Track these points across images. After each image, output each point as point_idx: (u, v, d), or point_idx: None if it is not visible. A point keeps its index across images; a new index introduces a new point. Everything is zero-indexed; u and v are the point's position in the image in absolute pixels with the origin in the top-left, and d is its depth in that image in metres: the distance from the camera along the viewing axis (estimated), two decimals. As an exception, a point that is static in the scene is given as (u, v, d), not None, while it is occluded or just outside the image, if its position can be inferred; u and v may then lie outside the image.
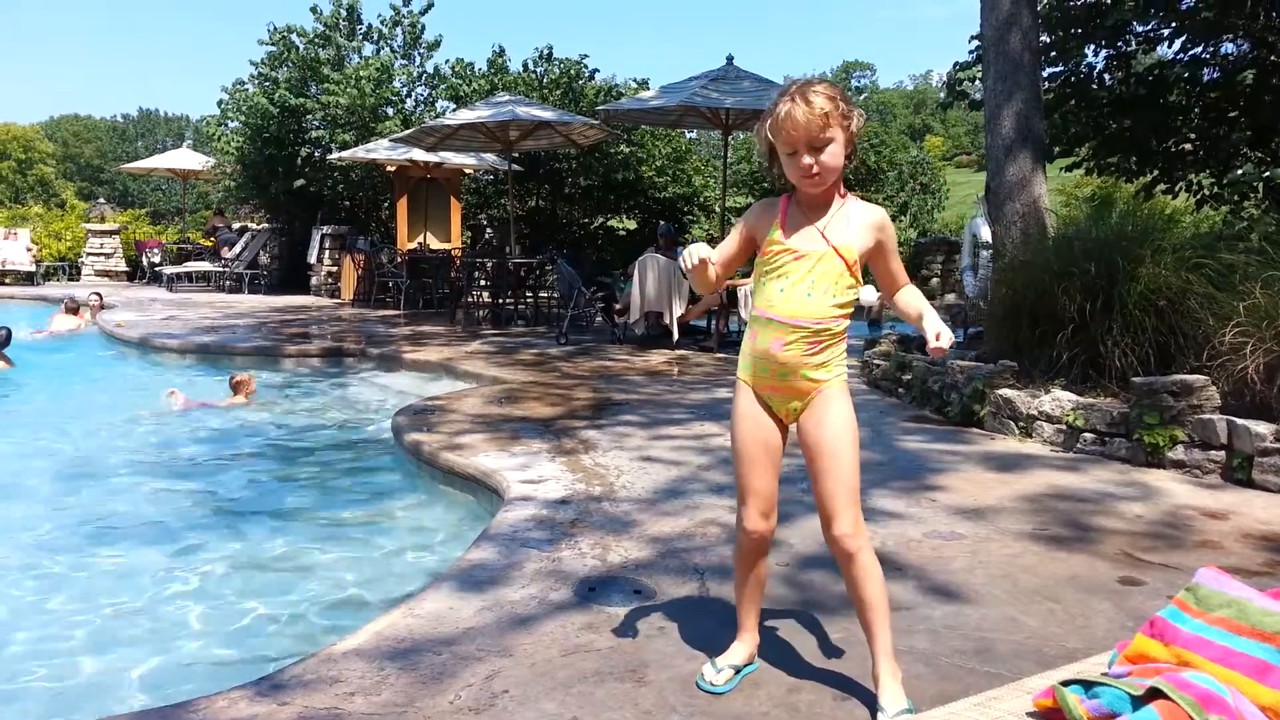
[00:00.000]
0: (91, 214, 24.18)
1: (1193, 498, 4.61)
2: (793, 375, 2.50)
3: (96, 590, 4.08)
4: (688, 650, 2.89)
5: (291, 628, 3.72)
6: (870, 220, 2.51)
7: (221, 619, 3.79)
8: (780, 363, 2.49)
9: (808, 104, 2.35)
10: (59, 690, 3.25)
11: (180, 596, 4.04)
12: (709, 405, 6.89)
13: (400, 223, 16.60)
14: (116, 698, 3.19)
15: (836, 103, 2.37)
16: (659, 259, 10.28)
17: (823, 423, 2.50)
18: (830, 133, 2.37)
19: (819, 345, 2.47)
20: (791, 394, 2.53)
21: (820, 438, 2.50)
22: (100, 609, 3.89)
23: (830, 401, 2.50)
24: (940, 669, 2.77)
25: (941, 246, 19.39)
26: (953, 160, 71.23)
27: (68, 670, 3.39)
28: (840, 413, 2.50)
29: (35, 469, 6.07)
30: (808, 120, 2.35)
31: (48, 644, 3.59)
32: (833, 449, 2.48)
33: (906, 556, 3.73)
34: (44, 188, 62.12)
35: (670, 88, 11.96)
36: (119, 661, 3.43)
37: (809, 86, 2.39)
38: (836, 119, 2.37)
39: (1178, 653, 1.81)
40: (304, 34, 17.97)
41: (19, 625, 3.75)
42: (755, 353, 2.56)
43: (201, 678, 3.29)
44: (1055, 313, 6.04)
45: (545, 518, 4.19)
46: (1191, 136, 11.03)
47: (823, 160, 2.40)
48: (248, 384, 8.31)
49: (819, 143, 2.38)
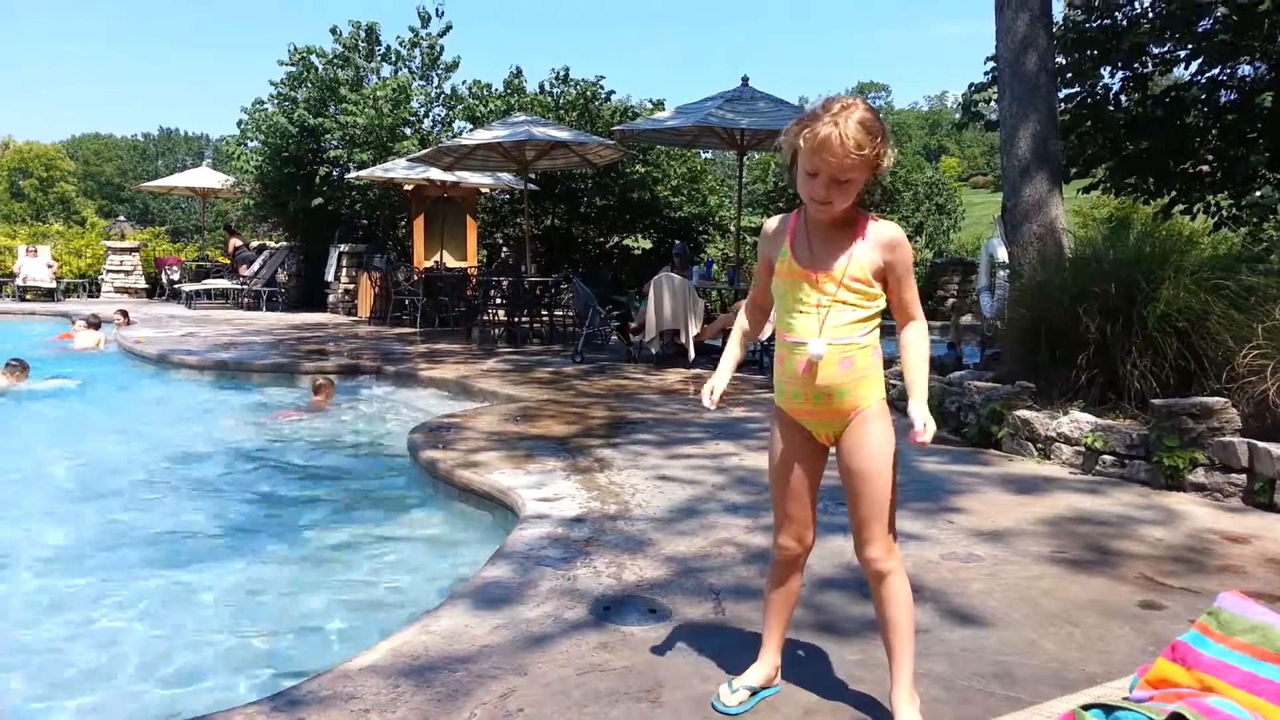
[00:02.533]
0: (111, 231, 24.45)
1: (1214, 521, 4.57)
2: (827, 398, 2.46)
3: (109, 605, 4.09)
4: (704, 670, 2.87)
5: (307, 643, 3.72)
6: (881, 238, 2.42)
7: (237, 634, 3.79)
8: (811, 386, 2.46)
9: (846, 139, 2.25)
10: (71, 706, 3.26)
11: (195, 611, 4.05)
12: (725, 424, 6.88)
13: (417, 241, 16.69)
14: (130, 714, 3.20)
15: (876, 144, 2.28)
16: (674, 278, 10.29)
17: (861, 446, 2.46)
18: (859, 173, 2.31)
19: (847, 363, 2.42)
20: (829, 416, 2.49)
21: (858, 462, 2.47)
22: (112, 624, 3.90)
23: (869, 424, 2.46)
24: (959, 693, 2.75)
25: (957, 267, 19.35)
26: (968, 181, 71.26)
27: (80, 686, 3.39)
28: (879, 435, 2.46)
29: (40, 487, 6.11)
30: (842, 156, 2.26)
31: (56, 659, 3.59)
32: (870, 473, 2.45)
33: (924, 578, 3.70)
34: (65, 205, 62.73)
35: (686, 108, 12.01)
36: (133, 677, 3.44)
37: (855, 113, 2.28)
38: (870, 163, 2.30)
39: (1200, 678, 1.79)
40: (323, 55, 18.17)
41: (27, 641, 3.76)
42: (785, 377, 2.53)
43: (217, 693, 3.29)
44: (1073, 334, 6.01)
45: (560, 536, 4.18)
46: (1209, 158, 11.01)
47: (840, 193, 2.34)
48: (328, 388, 8.76)
49: (843, 177, 2.31)
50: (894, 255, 2.42)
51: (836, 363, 2.42)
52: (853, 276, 2.41)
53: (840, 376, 2.43)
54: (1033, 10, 7.39)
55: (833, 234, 2.45)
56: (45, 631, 3.85)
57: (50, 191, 66.46)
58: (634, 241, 19.86)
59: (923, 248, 26.53)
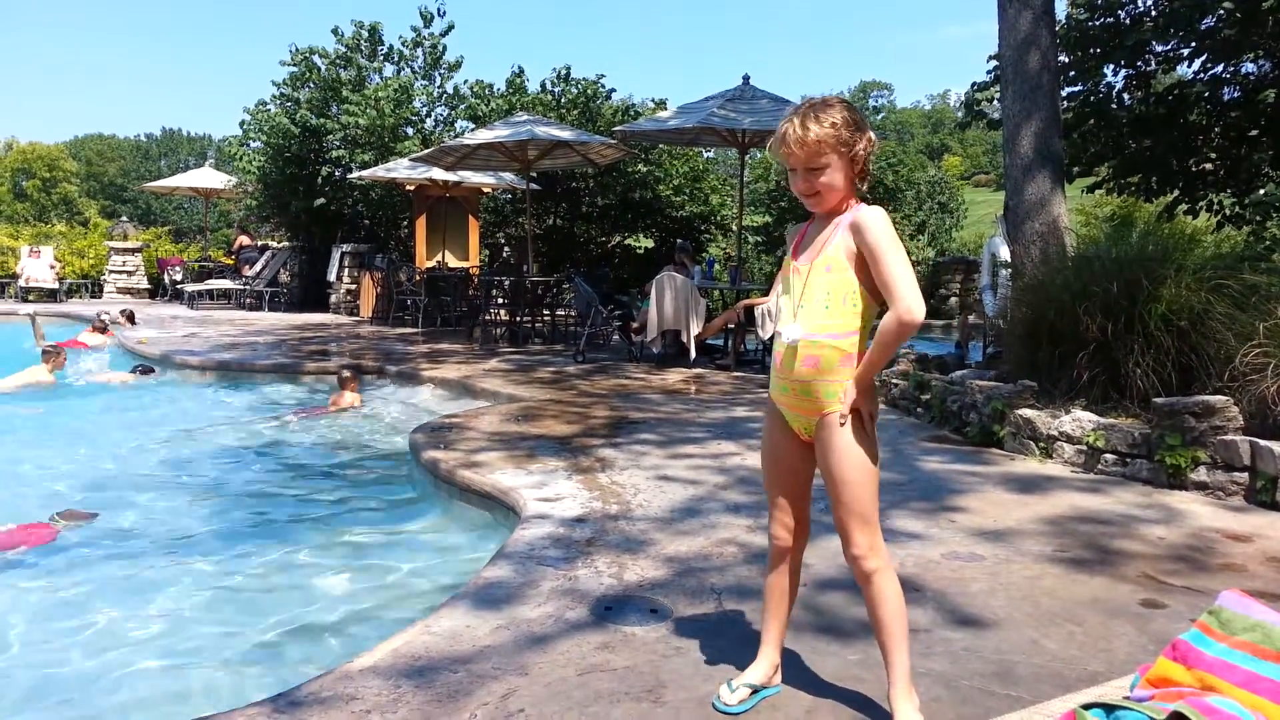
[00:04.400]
0: (114, 232, 24.44)
1: (1216, 520, 4.56)
2: (799, 394, 2.50)
3: (109, 606, 4.09)
4: (705, 670, 2.87)
5: (308, 644, 3.73)
6: (852, 221, 2.41)
7: (237, 635, 3.79)
8: (789, 379, 2.51)
9: (803, 129, 2.37)
10: (67, 709, 3.26)
11: (195, 611, 4.05)
12: (726, 424, 6.88)
13: (419, 241, 16.70)
14: (129, 715, 3.20)
15: (837, 129, 2.37)
16: (676, 277, 10.29)
17: (829, 448, 2.48)
18: (825, 159, 2.39)
19: (812, 361, 2.45)
20: (804, 412, 2.53)
21: (826, 464, 2.50)
22: (112, 625, 3.91)
23: (838, 427, 2.46)
24: (960, 692, 2.75)
25: (960, 265, 19.35)
26: (971, 179, 71.16)
27: (78, 687, 3.39)
28: (847, 439, 2.45)
29: (36, 485, 6.12)
30: (799, 145, 2.38)
31: (55, 659, 3.60)
32: (839, 475, 2.46)
33: (925, 578, 3.70)
34: (68, 206, 62.78)
35: (687, 107, 12.00)
36: (132, 678, 3.44)
37: (815, 109, 2.40)
38: (831, 145, 2.37)
39: (1201, 677, 1.79)
40: (325, 55, 18.18)
41: (22, 642, 3.76)
42: (772, 369, 2.62)
43: (217, 694, 3.29)
44: (1075, 332, 6.00)
45: (562, 536, 4.18)
46: (1212, 156, 10.99)
47: (819, 182, 2.42)
48: (352, 382, 8.92)
49: (814, 164, 2.40)
50: (861, 237, 2.39)
51: (802, 358, 2.46)
52: (827, 263, 2.45)
53: (806, 373, 2.46)
54: (1035, 8, 7.38)
55: (823, 228, 2.51)
56: (40, 632, 3.85)
57: (53, 192, 66.49)
58: (636, 241, 19.85)
59: (925, 246, 26.51)
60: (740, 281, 12.17)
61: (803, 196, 2.48)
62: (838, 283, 2.43)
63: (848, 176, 2.44)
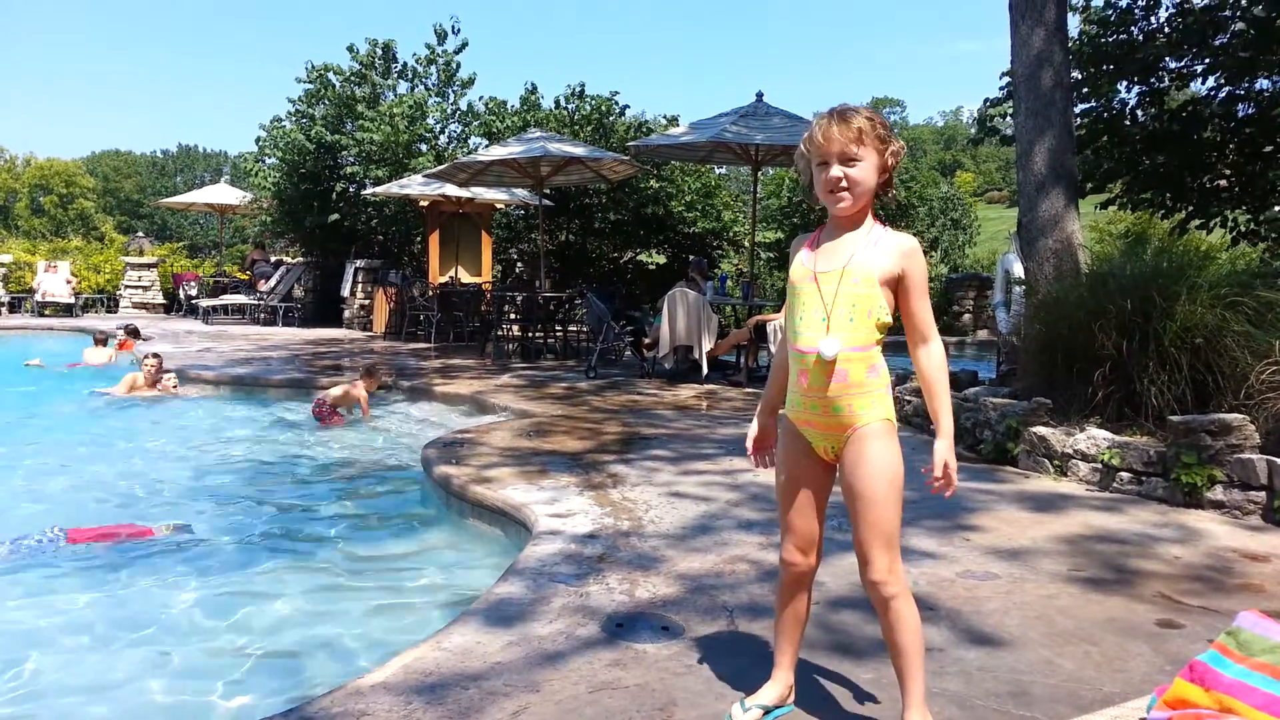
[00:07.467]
0: (130, 247, 24.63)
1: (1233, 539, 4.52)
2: (824, 410, 2.44)
3: (118, 621, 4.09)
4: (717, 689, 2.85)
5: (318, 660, 3.72)
6: (898, 245, 2.42)
7: (248, 650, 3.79)
8: (818, 396, 2.44)
9: (844, 121, 2.38)
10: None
11: (205, 626, 4.05)
12: (738, 440, 6.86)
13: (432, 257, 16.78)
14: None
15: (874, 124, 2.39)
16: (688, 294, 10.30)
17: (858, 464, 2.43)
18: (862, 151, 2.38)
19: (840, 375, 2.40)
20: (828, 430, 2.47)
21: (854, 481, 2.44)
22: (121, 638, 3.91)
23: (867, 441, 2.43)
24: (974, 712, 2.72)
25: (973, 282, 19.29)
26: (984, 196, 71.02)
27: (87, 703, 3.39)
28: (878, 454, 2.42)
29: (44, 497, 6.15)
30: (841, 133, 2.37)
31: (62, 675, 3.59)
32: (868, 494, 2.42)
33: (940, 597, 3.68)
34: (84, 221, 63.24)
35: (700, 124, 12.04)
36: (142, 693, 3.44)
37: (849, 108, 2.43)
38: (871, 139, 2.38)
39: (1219, 698, 1.77)
40: (340, 72, 18.33)
41: (25, 652, 3.76)
42: (790, 387, 2.54)
43: (227, 711, 3.29)
44: (1090, 350, 5.97)
45: (573, 552, 4.17)
46: (1226, 173, 10.94)
47: (850, 174, 2.38)
48: (370, 379, 9.05)
49: (849, 155, 2.38)
50: (910, 262, 2.41)
51: (836, 373, 2.40)
52: (855, 275, 2.40)
53: (838, 388, 2.41)
54: (1048, 25, 7.38)
55: (845, 237, 2.46)
56: (44, 646, 3.86)
57: (70, 207, 67.06)
58: (648, 257, 19.89)
59: (938, 263, 26.45)
60: (752, 297, 12.17)
61: (829, 194, 2.41)
62: (864, 297, 2.39)
63: (877, 179, 2.41)
